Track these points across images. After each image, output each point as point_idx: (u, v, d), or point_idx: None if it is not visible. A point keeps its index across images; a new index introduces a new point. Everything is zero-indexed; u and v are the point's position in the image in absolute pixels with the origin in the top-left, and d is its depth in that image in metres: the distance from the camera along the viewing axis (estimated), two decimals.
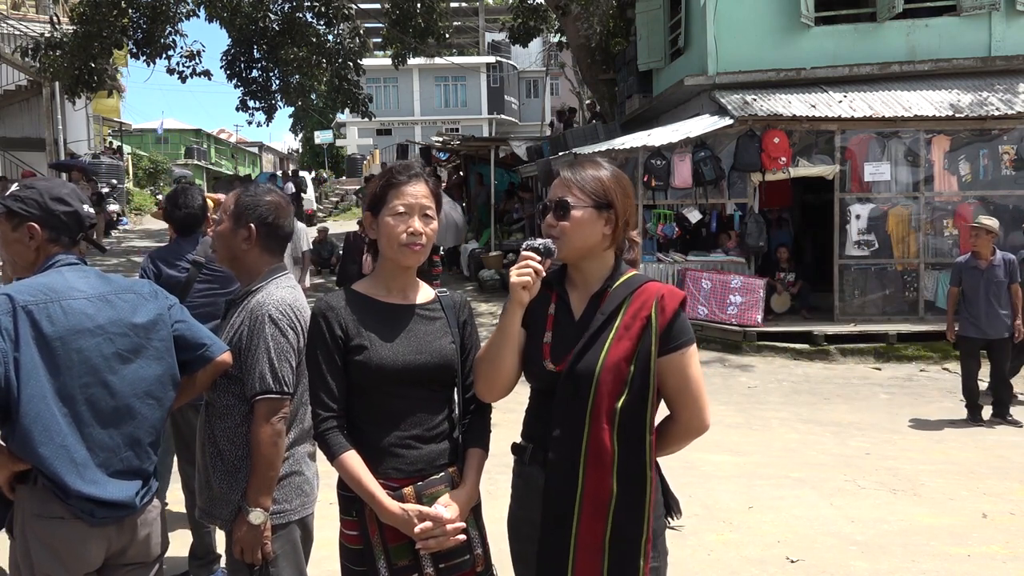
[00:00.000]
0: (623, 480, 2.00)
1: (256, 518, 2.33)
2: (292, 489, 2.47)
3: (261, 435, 2.32)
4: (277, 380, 2.34)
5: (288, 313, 2.41)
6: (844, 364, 9.65)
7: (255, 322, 2.40)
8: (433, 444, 2.15)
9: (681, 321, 2.08)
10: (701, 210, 10.97)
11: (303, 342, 2.39)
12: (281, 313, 2.40)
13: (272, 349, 2.35)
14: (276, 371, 2.34)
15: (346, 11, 17.51)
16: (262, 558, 2.36)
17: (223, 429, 2.44)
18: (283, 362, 2.36)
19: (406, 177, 2.17)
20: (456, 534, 2.08)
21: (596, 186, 2.09)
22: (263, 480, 2.34)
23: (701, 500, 5.19)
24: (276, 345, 2.36)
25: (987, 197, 10.70)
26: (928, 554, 4.45)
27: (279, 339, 2.37)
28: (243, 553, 2.35)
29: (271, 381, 2.33)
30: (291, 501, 2.47)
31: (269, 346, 2.35)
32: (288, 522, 2.46)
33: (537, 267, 2.01)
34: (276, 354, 2.35)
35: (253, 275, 2.53)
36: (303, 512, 2.53)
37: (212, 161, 49.13)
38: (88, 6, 14.96)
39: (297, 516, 2.49)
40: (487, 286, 14.31)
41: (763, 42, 11.86)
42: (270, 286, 2.48)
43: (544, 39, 27.20)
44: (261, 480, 2.34)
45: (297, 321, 2.42)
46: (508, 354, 2.09)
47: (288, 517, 2.46)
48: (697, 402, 2.09)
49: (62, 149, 19.77)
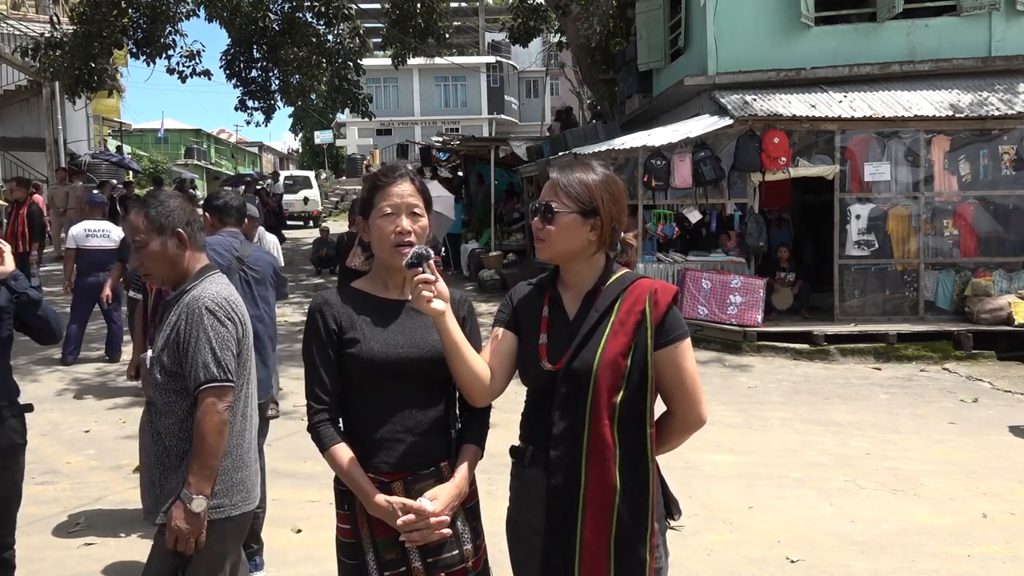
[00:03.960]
0: (626, 474, 2.01)
1: (198, 506, 2.35)
2: (233, 484, 2.48)
3: (207, 424, 2.36)
4: (221, 368, 2.39)
5: (224, 305, 2.47)
6: (844, 364, 9.65)
7: (192, 315, 2.44)
8: (425, 439, 2.15)
9: (674, 315, 2.09)
10: (701, 210, 10.97)
11: (241, 333, 2.49)
12: (217, 305, 2.45)
13: (213, 339, 2.40)
14: (219, 359, 2.39)
15: (346, 11, 17.51)
16: (194, 548, 2.36)
17: (167, 426, 2.46)
18: (225, 351, 2.42)
19: (391, 178, 2.20)
20: (440, 528, 2.08)
21: (582, 191, 2.10)
22: (206, 468, 2.37)
23: (701, 500, 5.19)
24: (216, 335, 2.41)
25: (987, 197, 10.69)
26: (928, 554, 4.45)
27: (219, 328, 2.42)
28: (178, 542, 2.35)
29: (215, 369, 2.39)
30: (231, 496, 2.47)
31: (209, 336, 2.40)
32: (225, 517, 2.46)
33: (427, 277, 2.02)
34: (217, 343, 2.40)
35: (187, 277, 2.58)
36: (243, 508, 2.52)
37: (212, 161, 49.13)
38: (88, 6, 14.97)
39: (237, 512, 2.49)
40: (487, 286, 14.32)
41: (763, 42, 11.86)
42: (203, 283, 2.54)
43: (544, 39, 27.21)
44: (204, 468, 2.36)
45: (234, 312, 2.48)
46: (459, 364, 2.09)
47: (227, 512, 2.46)
48: (693, 395, 2.10)
49: (62, 149, 19.76)
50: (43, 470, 5.66)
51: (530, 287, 2.25)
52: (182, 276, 2.58)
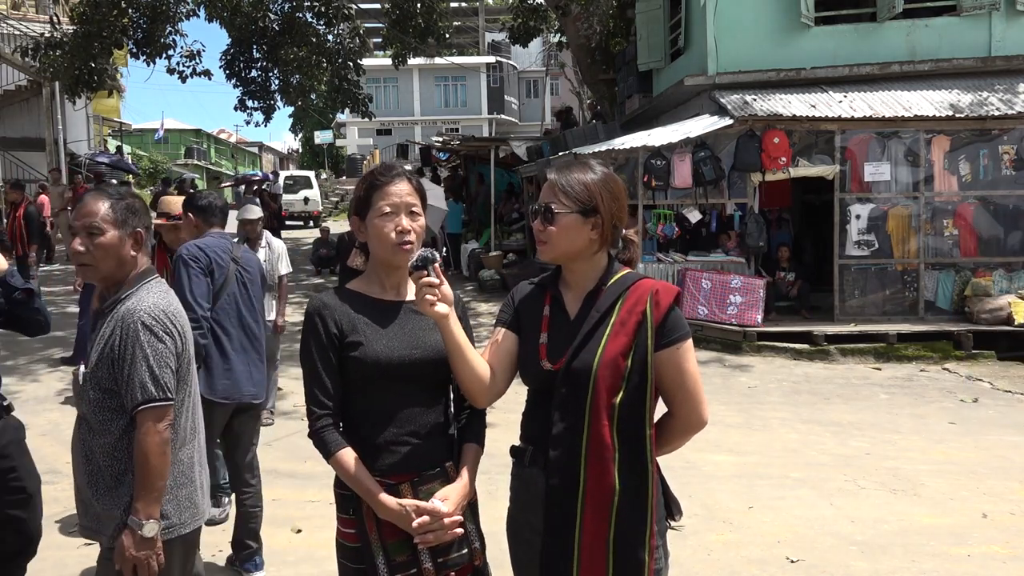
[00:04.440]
0: (625, 475, 2.00)
1: (150, 530, 2.26)
2: (180, 502, 2.41)
3: (149, 445, 2.26)
4: (160, 387, 2.29)
5: (161, 319, 2.35)
6: (844, 364, 9.65)
7: (127, 331, 2.32)
8: (429, 440, 2.15)
9: (676, 316, 2.08)
10: (701, 210, 10.97)
11: (180, 347, 2.38)
12: (154, 319, 2.34)
13: (151, 356, 2.30)
14: (157, 378, 2.29)
15: (346, 11, 17.51)
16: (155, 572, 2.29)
17: (102, 445, 2.36)
18: (163, 368, 2.31)
19: (388, 177, 2.18)
20: (454, 528, 2.08)
21: (582, 191, 2.09)
22: (153, 491, 2.28)
23: (701, 500, 5.19)
24: (154, 352, 2.30)
25: (987, 197, 10.69)
26: (928, 554, 4.45)
27: (156, 345, 2.31)
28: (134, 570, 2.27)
29: (153, 389, 2.28)
30: (180, 514, 2.41)
31: (147, 353, 2.29)
32: (177, 536, 2.39)
33: (431, 280, 2.02)
34: (155, 361, 2.30)
35: (125, 281, 2.44)
36: (193, 525, 2.45)
37: (212, 161, 49.18)
38: (88, 6, 14.96)
39: (187, 530, 2.43)
40: (487, 286, 14.31)
41: (763, 42, 11.86)
42: (140, 292, 2.41)
43: (544, 39, 27.20)
44: (151, 491, 2.27)
45: (172, 326, 2.37)
46: (461, 366, 2.09)
47: (178, 531, 2.39)
48: (694, 397, 2.09)
49: (62, 149, 19.77)
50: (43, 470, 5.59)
51: (532, 286, 2.25)
52: (122, 279, 2.44)
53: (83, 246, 2.40)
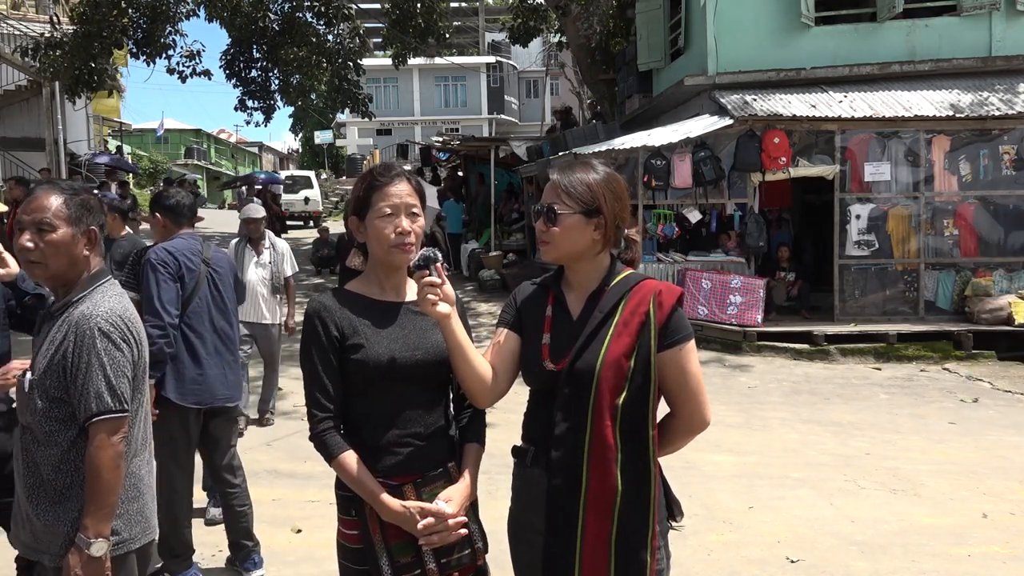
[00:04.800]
0: (627, 475, 2.00)
1: (99, 549, 2.13)
2: (132, 515, 2.29)
3: (102, 459, 2.13)
4: (116, 397, 2.16)
5: (119, 325, 2.22)
6: (844, 364, 9.65)
7: (82, 337, 2.17)
8: (431, 441, 2.15)
9: (679, 317, 2.08)
10: (701, 210, 10.97)
11: (137, 354, 2.26)
12: (112, 325, 2.20)
13: (107, 365, 2.16)
14: (114, 388, 2.16)
15: (346, 11, 17.52)
16: None
17: (47, 457, 2.21)
18: (120, 378, 2.18)
19: (388, 178, 2.16)
20: (458, 528, 2.08)
21: (584, 192, 2.09)
22: (104, 507, 2.15)
23: (701, 500, 5.19)
24: (111, 360, 2.17)
25: (987, 197, 10.70)
26: (928, 554, 4.45)
27: (113, 353, 2.18)
28: None
29: (109, 399, 2.15)
30: (131, 529, 2.29)
31: (103, 362, 2.16)
32: (128, 551, 2.29)
33: (433, 280, 2.01)
34: (112, 370, 2.17)
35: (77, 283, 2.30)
36: (144, 539, 2.34)
37: (212, 161, 49.19)
38: (88, 6, 14.97)
39: (138, 544, 2.32)
40: (487, 286, 14.31)
41: (763, 42, 11.86)
42: (95, 295, 2.26)
43: (544, 39, 27.19)
44: (102, 507, 2.14)
45: (130, 333, 2.24)
46: (463, 366, 2.09)
47: (128, 546, 2.28)
48: (697, 397, 2.09)
49: (62, 149, 19.76)
50: None
51: (534, 287, 2.25)
52: (73, 280, 2.28)
53: (32, 243, 2.23)
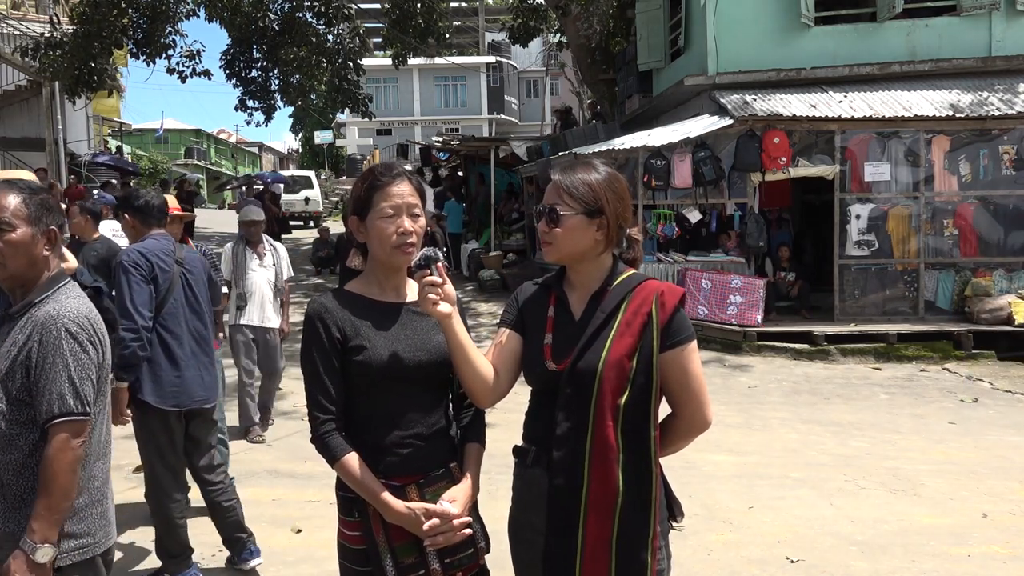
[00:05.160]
0: (628, 476, 2.00)
1: (44, 555, 2.07)
2: (95, 519, 2.26)
3: (61, 462, 2.09)
4: (79, 400, 2.13)
5: (86, 326, 2.19)
6: (844, 364, 9.65)
7: (48, 337, 2.13)
8: (433, 441, 2.14)
9: (681, 317, 2.08)
10: (701, 210, 10.97)
11: (102, 356, 2.24)
12: (79, 327, 2.17)
13: (72, 367, 2.13)
14: (78, 390, 2.13)
15: (346, 11, 17.52)
16: None
17: (8, 462, 2.16)
18: (84, 380, 2.15)
19: (390, 177, 2.13)
20: (463, 529, 2.07)
21: (586, 192, 2.08)
22: (56, 512, 2.10)
23: (701, 500, 5.19)
24: (76, 362, 2.14)
25: (987, 197, 10.70)
26: (928, 554, 4.45)
27: (79, 355, 2.15)
28: None
29: (72, 401, 2.12)
30: (95, 533, 2.25)
31: (68, 363, 2.13)
32: (93, 556, 2.25)
33: (434, 280, 2.01)
34: (77, 372, 2.14)
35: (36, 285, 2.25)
36: (107, 544, 2.31)
37: (212, 161, 49.20)
38: (88, 6, 14.97)
39: (102, 548, 2.29)
40: (487, 286, 14.31)
41: (763, 42, 11.86)
42: (58, 296, 2.22)
43: (544, 39, 27.21)
44: (54, 512, 2.09)
45: (96, 335, 2.22)
46: (464, 366, 2.08)
47: (93, 550, 2.25)
48: (699, 398, 2.09)
49: (62, 149, 19.77)
50: None
51: (536, 287, 2.24)
52: (32, 280, 2.24)
53: None
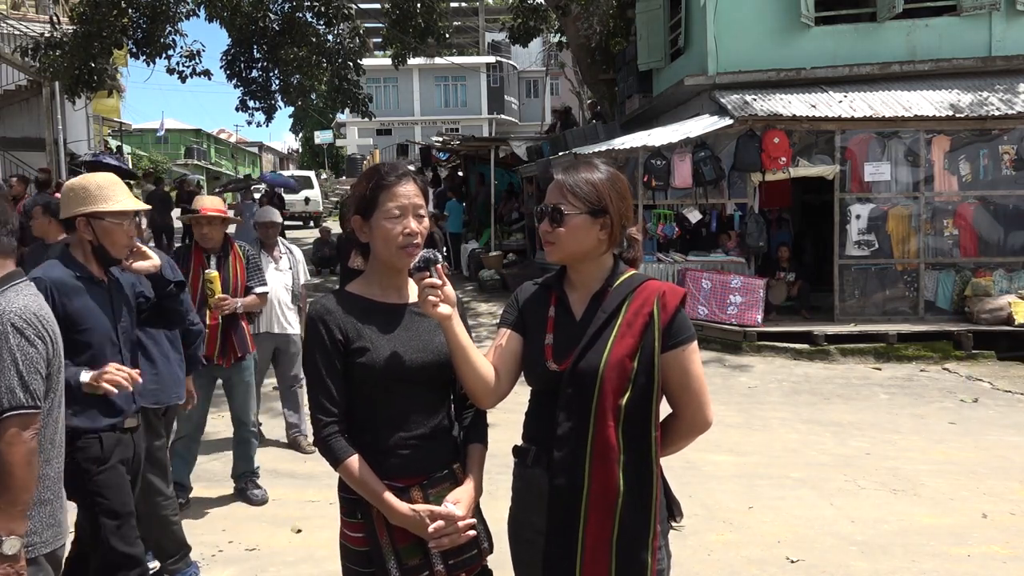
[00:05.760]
0: (629, 476, 2.00)
1: (11, 547, 2.12)
2: (43, 519, 2.29)
3: (14, 455, 2.13)
4: (28, 393, 2.17)
5: (34, 322, 2.22)
6: (844, 364, 9.65)
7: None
8: (436, 442, 2.14)
9: (682, 318, 2.09)
10: (701, 210, 10.97)
11: (52, 352, 2.27)
12: (26, 322, 2.20)
13: (20, 360, 2.17)
14: (26, 383, 2.16)
15: (346, 11, 17.52)
16: None
17: None
18: (33, 374, 2.19)
19: (395, 177, 2.12)
20: (467, 530, 2.07)
21: (590, 191, 2.08)
22: (17, 504, 2.14)
23: (701, 500, 5.19)
24: (24, 356, 2.18)
25: (987, 197, 10.70)
26: (928, 554, 4.45)
27: (27, 349, 2.19)
28: None
29: (22, 394, 2.15)
30: (42, 533, 2.27)
31: (16, 357, 2.16)
32: (38, 555, 2.27)
33: (434, 281, 2.00)
34: (25, 365, 2.17)
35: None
36: (55, 544, 2.33)
37: (212, 161, 49.16)
38: (88, 6, 14.97)
39: (48, 548, 2.30)
40: (487, 286, 14.31)
41: (763, 42, 11.86)
42: (8, 293, 2.25)
43: (544, 39, 27.21)
44: (15, 504, 2.13)
45: (45, 330, 2.25)
46: (465, 367, 2.08)
47: (39, 550, 2.27)
48: (700, 398, 2.10)
49: (62, 149, 19.76)
50: None
51: (536, 287, 2.24)
52: None
53: None
